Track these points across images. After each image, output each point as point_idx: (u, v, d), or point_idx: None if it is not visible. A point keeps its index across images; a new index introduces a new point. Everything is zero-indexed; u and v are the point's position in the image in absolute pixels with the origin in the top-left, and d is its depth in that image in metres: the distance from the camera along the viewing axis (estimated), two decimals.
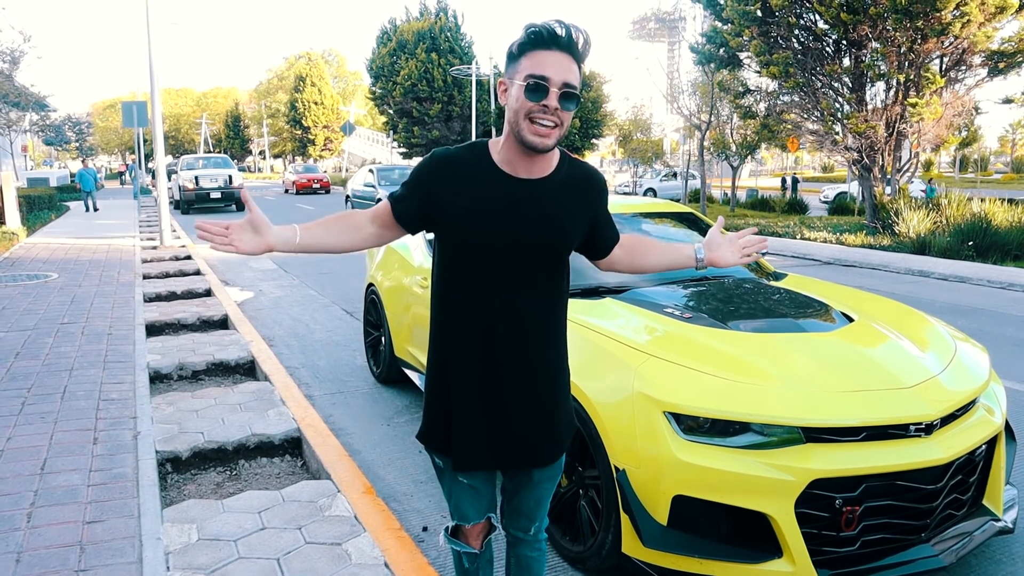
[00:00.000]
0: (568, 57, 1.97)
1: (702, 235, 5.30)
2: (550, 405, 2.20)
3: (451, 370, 2.15)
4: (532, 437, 2.18)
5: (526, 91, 1.96)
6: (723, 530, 3.02)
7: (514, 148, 2.06)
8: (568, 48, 1.97)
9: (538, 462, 2.23)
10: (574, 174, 2.17)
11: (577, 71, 2.00)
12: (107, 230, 18.76)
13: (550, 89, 1.95)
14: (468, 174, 2.09)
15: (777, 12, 17.48)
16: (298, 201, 34.55)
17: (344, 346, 7.58)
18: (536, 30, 1.97)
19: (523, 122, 1.98)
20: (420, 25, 42.87)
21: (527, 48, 1.98)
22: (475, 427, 2.14)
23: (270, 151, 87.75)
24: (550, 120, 1.97)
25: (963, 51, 16.57)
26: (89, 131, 77.29)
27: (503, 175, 2.08)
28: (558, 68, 1.95)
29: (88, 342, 6.89)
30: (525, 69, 1.97)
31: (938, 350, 3.64)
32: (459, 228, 2.08)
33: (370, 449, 4.92)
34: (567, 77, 1.96)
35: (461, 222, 2.07)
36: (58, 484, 3.90)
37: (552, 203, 2.11)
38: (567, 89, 1.96)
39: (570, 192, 2.15)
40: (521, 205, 2.07)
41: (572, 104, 1.99)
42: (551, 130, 1.99)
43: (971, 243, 13.83)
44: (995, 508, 3.39)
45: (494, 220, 2.06)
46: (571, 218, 2.15)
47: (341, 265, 13.27)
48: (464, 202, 2.06)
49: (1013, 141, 77.21)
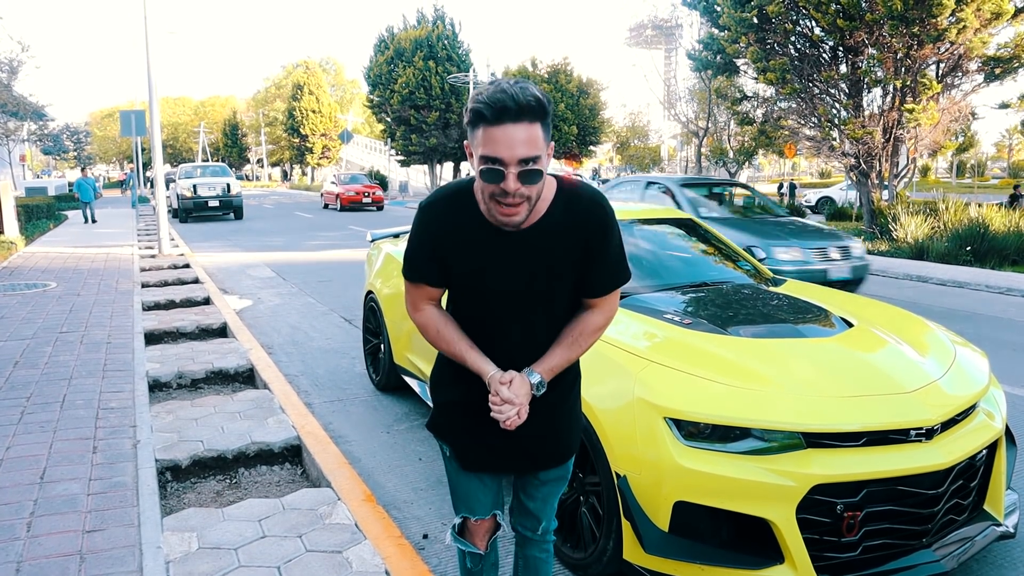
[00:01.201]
0: (523, 125, 1.81)
1: (701, 242, 5.31)
2: (558, 413, 2.21)
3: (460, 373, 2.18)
4: (539, 445, 2.19)
5: (482, 175, 1.86)
6: (724, 536, 3.02)
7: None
8: (520, 116, 1.81)
9: (544, 466, 2.24)
10: (573, 214, 2.04)
11: (538, 132, 1.84)
12: (105, 239, 18.75)
13: (506, 171, 1.82)
14: (457, 228, 2.03)
15: (774, 19, 17.53)
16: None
17: (343, 354, 7.57)
18: (479, 108, 1.82)
19: (489, 202, 1.91)
20: (417, 33, 42.95)
21: (476, 124, 1.85)
22: (481, 433, 2.16)
23: (268, 159, 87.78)
24: (513, 201, 1.87)
25: (959, 57, 16.62)
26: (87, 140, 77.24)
27: (488, 227, 2.00)
28: (510, 145, 1.80)
29: (87, 351, 6.88)
30: (479, 146, 1.85)
31: (938, 355, 3.64)
32: (461, 275, 2.09)
33: (370, 457, 4.91)
34: (523, 152, 1.81)
35: (462, 269, 2.08)
36: (58, 493, 3.89)
37: (548, 246, 2.02)
38: (524, 167, 1.82)
39: (567, 234, 2.03)
40: (514, 253, 2.02)
41: (535, 178, 1.85)
42: (517, 207, 1.89)
43: (969, 248, 13.85)
44: (996, 513, 3.39)
45: (489, 267, 2.04)
46: (570, 254, 2.06)
47: (340, 273, 13.27)
48: (460, 252, 2.04)
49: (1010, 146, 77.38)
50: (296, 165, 78.05)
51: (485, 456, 2.19)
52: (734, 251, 5.29)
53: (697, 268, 4.99)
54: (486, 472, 2.24)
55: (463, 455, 2.21)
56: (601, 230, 2.06)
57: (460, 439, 2.21)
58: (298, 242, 19.40)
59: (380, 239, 6.87)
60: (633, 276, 4.61)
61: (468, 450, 2.20)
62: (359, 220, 27.10)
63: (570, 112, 34.98)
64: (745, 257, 5.23)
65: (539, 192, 1.91)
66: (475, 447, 2.19)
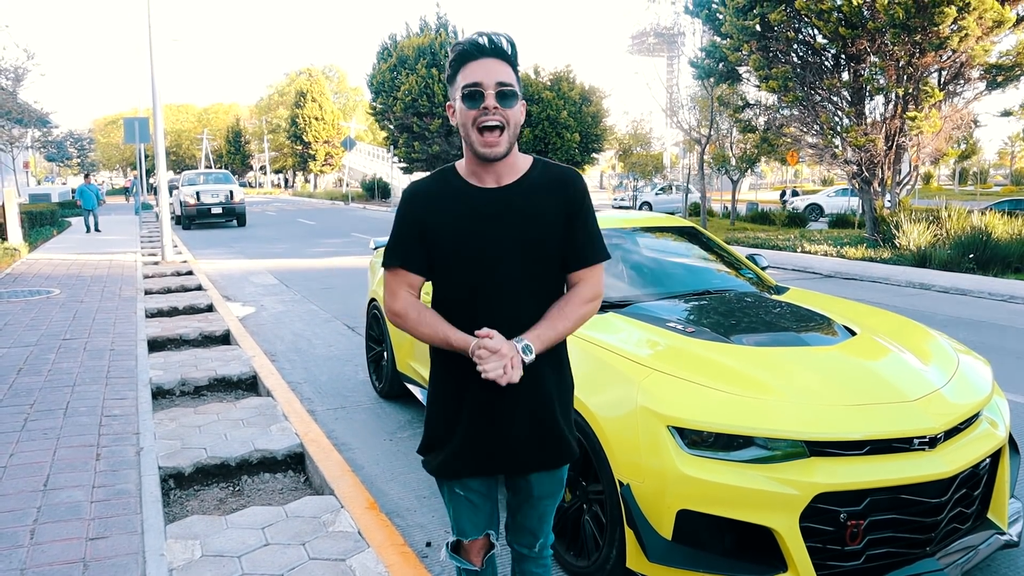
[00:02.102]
0: (497, 60, 2.05)
1: (703, 249, 5.32)
2: (548, 413, 2.20)
3: (449, 379, 2.19)
4: (530, 445, 2.18)
5: (464, 100, 2.04)
6: (728, 545, 3.02)
7: (474, 160, 2.12)
8: (494, 53, 2.05)
9: (535, 468, 2.23)
10: (549, 175, 2.18)
11: (510, 71, 2.07)
12: (109, 246, 18.79)
13: (485, 92, 2.02)
14: (442, 198, 2.15)
15: (776, 27, 17.56)
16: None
17: (346, 361, 7.58)
18: (460, 46, 2.07)
19: (472, 134, 2.05)
20: (420, 41, 43.00)
21: (457, 65, 2.08)
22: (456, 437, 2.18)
23: (271, 166, 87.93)
24: (493, 120, 2.02)
25: (961, 65, 16.63)
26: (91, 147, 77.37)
27: (473, 188, 2.14)
28: (487, 72, 2.03)
29: (90, 358, 6.89)
30: (460, 81, 2.05)
31: (941, 363, 3.64)
32: (448, 249, 2.13)
33: (373, 464, 4.92)
34: (499, 77, 2.03)
35: (448, 242, 2.13)
36: (61, 500, 3.89)
37: (528, 204, 2.13)
38: (501, 88, 2.03)
39: (545, 192, 2.15)
40: (497, 212, 2.12)
41: (511, 100, 2.05)
42: (499, 136, 2.04)
43: (972, 256, 13.84)
44: (1000, 522, 3.38)
45: (474, 232, 2.11)
46: (550, 216, 2.14)
47: (343, 280, 13.28)
48: (446, 222, 2.13)
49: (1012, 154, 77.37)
50: (299, 172, 78.16)
51: (472, 461, 2.19)
52: (737, 259, 5.29)
53: (700, 276, 4.99)
54: (479, 475, 2.23)
55: (454, 462, 2.21)
56: (579, 193, 2.19)
57: (452, 447, 2.21)
58: (301, 249, 19.43)
59: (383, 247, 6.87)
60: (635, 284, 4.65)
61: (460, 455, 2.20)
62: (361, 226, 27.14)
63: (572, 119, 34.93)
64: (748, 265, 5.24)
65: (515, 121, 2.07)
66: (466, 454, 2.19)
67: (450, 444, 2.20)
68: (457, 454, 2.19)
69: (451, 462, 2.21)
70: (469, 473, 2.22)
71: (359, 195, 56.05)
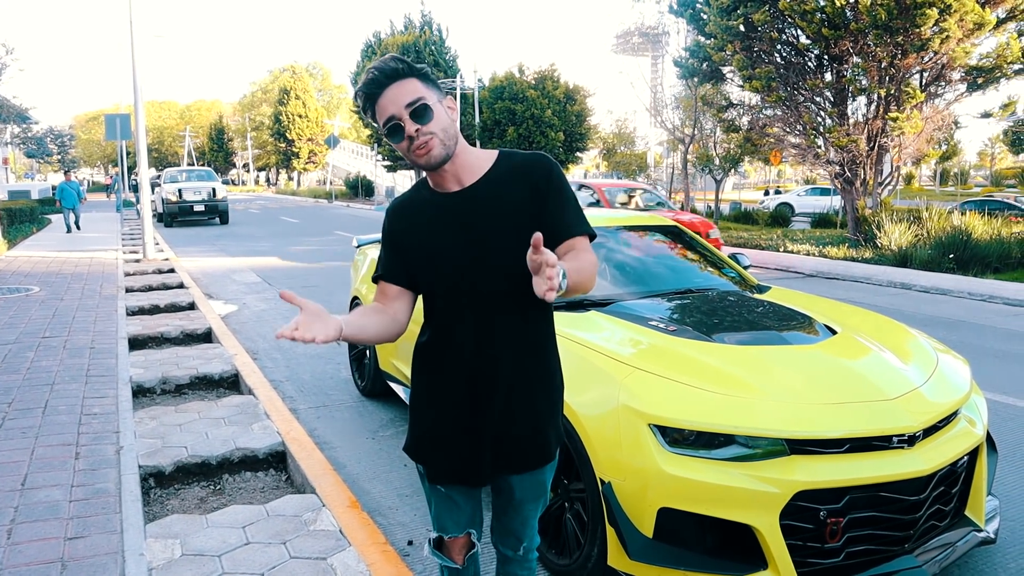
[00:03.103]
0: (397, 83, 2.01)
1: (685, 248, 5.33)
2: (538, 411, 2.20)
3: (429, 380, 2.19)
4: (518, 444, 2.18)
5: (389, 138, 2.06)
6: (709, 542, 3.03)
7: (427, 171, 2.14)
8: (391, 78, 2.01)
9: (522, 468, 2.23)
10: (513, 165, 2.15)
11: (416, 84, 2.02)
12: (90, 243, 18.64)
13: (402, 123, 2.00)
14: (413, 209, 2.20)
15: (759, 27, 17.64)
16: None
17: (328, 359, 7.55)
18: (359, 91, 2.05)
19: (409, 156, 2.05)
20: (405, 39, 42.92)
21: (370, 107, 2.06)
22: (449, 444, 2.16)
23: (254, 164, 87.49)
24: (421, 143, 2.01)
25: (942, 66, 16.77)
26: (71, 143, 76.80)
27: (438, 195, 2.16)
28: (394, 100, 2.00)
29: (70, 356, 6.83)
30: (380, 122, 2.05)
31: (920, 362, 3.67)
32: (420, 256, 2.15)
33: (355, 463, 4.90)
34: (405, 99, 1.99)
35: (418, 250, 2.15)
36: (39, 500, 3.86)
37: (492, 199, 2.10)
38: (412, 107, 2.00)
39: (509, 183, 2.11)
40: (462, 213, 2.12)
41: (427, 114, 2.01)
42: (428, 145, 2.02)
43: (952, 256, 13.96)
44: (977, 519, 3.42)
45: (442, 237, 2.12)
46: (517, 204, 2.09)
47: (326, 279, 13.24)
48: (415, 232, 2.17)
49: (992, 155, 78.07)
50: (283, 170, 77.82)
51: (456, 465, 2.18)
52: (719, 258, 5.31)
53: (682, 275, 5.01)
54: (464, 484, 2.23)
55: (440, 468, 2.20)
56: (545, 173, 2.12)
57: (437, 453, 2.20)
58: (284, 247, 19.35)
59: (366, 245, 6.86)
60: (618, 282, 4.66)
61: (444, 462, 2.19)
62: (344, 225, 27.05)
63: (557, 118, 34.96)
64: (730, 264, 5.26)
65: (443, 126, 2.03)
66: (452, 458, 2.18)
67: (432, 446, 2.20)
68: (439, 457, 2.19)
69: (434, 464, 2.21)
70: (454, 480, 2.22)
71: (343, 193, 55.88)
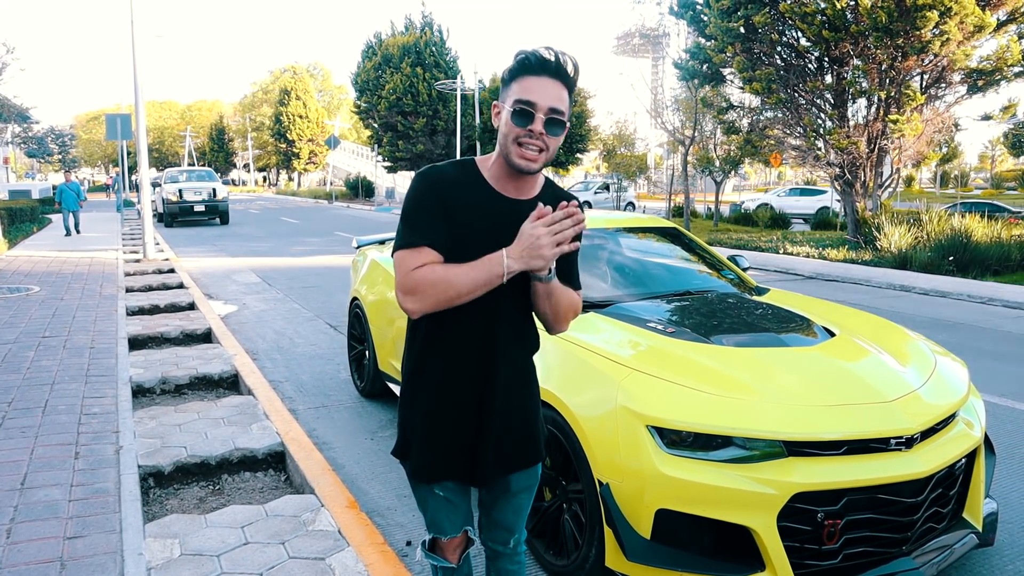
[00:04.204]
0: (556, 83, 1.99)
1: (684, 250, 5.34)
2: (524, 413, 2.22)
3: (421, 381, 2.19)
4: (507, 446, 2.19)
5: (513, 116, 1.99)
6: (706, 544, 3.03)
7: (503, 168, 2.09)
8: (556, 74, 1.99)
9: (512, 469, 2.24)
10: (558, 198, 2.15)
11: (566, 97, 2.01)
12: (90, 243, 18.65)
13: (536, 115, 1.97)
14: (462, 190, 2.09)
15: (760, 29, 17.66)
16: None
17: (328, 360, 7.56)
18: (524, 57, 2.00)
19: (511, 146, 2.01)
20: (405, 39, 42.97)
21: (516, 74, 2.01)
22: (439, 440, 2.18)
23: (254, 164, 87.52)
24: (535, 145, 1.99)
25: (943, 69, 16.79)
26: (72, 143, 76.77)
27: (494, 192, 2.11)
28: (545, 94, 1.97)
29: (70, 356, 6.84)
30: (514, 94, 1.99)
31: (918, 364, 3.68)
32: (463, 236, 2.06)
33: (354, 463, 4.91)
34: (553, 103, 1.98)
35: (465, 230, 2.06)
36: (39, 499, 3.86)
37: None
38: (553, 115, 1.98)
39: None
40: (508, 223, 2.07)
41: (558, 129, 2.00)
42: (537, 155, 2.00)
43: (952, 258, 13.97)
44: (975, 521, 3.42)
45: (483, 236, 2.06)
46: None
47: (325, 279, 13.24)
48: (460, 217, 2.06)
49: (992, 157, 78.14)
50: (283, 170, 77.87)
51: (453, 465, 2.19)
52: (718, 260, 5.32)
53: (681, 277, 5.02)
54: (455, 479, 2.24)
55: (430, 465, 2.21)
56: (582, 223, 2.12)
57: (426, 450, 2.21)
58: (284, 247, 19.36)
59: (365, 245, 6.87)
60: (617, 284, 4.67)
61: (435, 458, 2.20)
62: (344, 225, 27.06)
63: None
64: (729, 266, 5.26)
65: (555, 150, 2.04)
66: (443, 453, 2.19)
67: (428, 447, 2.20)
68: (436, 457, 2.19)
69: (430, 465, 2.21)
70: (450, 477, 2.22)
71: (343, 194, 55.89)
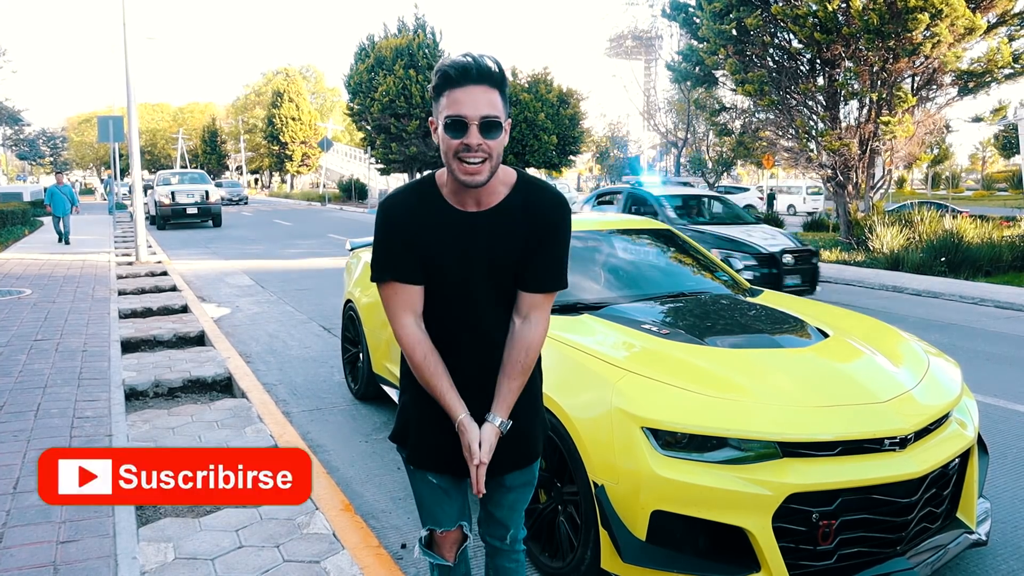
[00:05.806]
0: (482, 87, 1.96)
1: (679, 252, 5.35)
2: (522, 416, 2.22)
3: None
4: (504, 446, 2.19)
5: (446, 131, 1.97)
6: (701, 545, 3.04)
7: (454, 184, 2.06)
8: (479, 79, 1.96)
9: (509, 468, 2.25)
10: (530, 200, 2.11)
11: (496, 98, 1.98)
12: (82, 246, 18.57)
13: (469, 126, 1.94)
14: (421, 216, 2.10)
15: (752, 31, 17.70)
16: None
17: (322, 362, 7.54)
18: (443, 70, 1.97)
19: (453, 162, 1.99)
20: (398, 42, 42.91)
21: (441, 89, 1.98)
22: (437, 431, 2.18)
23: (247, 167, 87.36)
24: (475, 156, 1.96)
25: (934, 71, 16.86)
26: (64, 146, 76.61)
27: (452, 210, 2.09)
28: (473, 103, 1.94)
29: (62, 359, 6.81)
30: (444, 110, 1.97)
31: (911, 365, 3.69)
32: (428, 263, 2.10)
33: (348, 466, 4.90)
34: (484, 110, 1.95)
35: (428, 257, 2.10)
36: (31, 504, 3.84)
37: (504, 230, 2.09)
38: (486, 120, 1.95)
39: (522, 218, 2.10)
40: (474, 235, 2.08)
41: (496, 132, 1.98)
42: (480, 165, 1.97)
43: (943, 259, 14.02)
44: (969, 521, 3.43)
45: (448, 255, 2.09)
46: (523, 242, 2.11)
47: (318, 282, 13.22)
48: (428, 235, 2.09)
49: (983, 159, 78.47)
50: (276, 173, 77.77)
51: (450, 455, 2.20)
52: (712, 261, 5.33)
53: (675, 278, 5.02)
54: (452, 473, 2.24)
55: (427, 453, 2.22)
56: (554, 220, 2.13)
57: (424, 438, 2.22)
58: (277, 250, 19.32)
59: (359, 248, 6.86)
60: (611, 286, 4.67)
61: (432, 448, 2.21)
62: (338, 227, 27.02)
63: (550, 122, 35.05)
64: (723, 268, 5.28)
65: (499, 152, 2.01)
66: (440, 444, 2.19)
67: (425, 433, 2.21)
68: (432, 445, 2.20)
69: (426, 451, 2.22)
70: (442, 469, 2.23)
71: (336, 196, 55.83)
